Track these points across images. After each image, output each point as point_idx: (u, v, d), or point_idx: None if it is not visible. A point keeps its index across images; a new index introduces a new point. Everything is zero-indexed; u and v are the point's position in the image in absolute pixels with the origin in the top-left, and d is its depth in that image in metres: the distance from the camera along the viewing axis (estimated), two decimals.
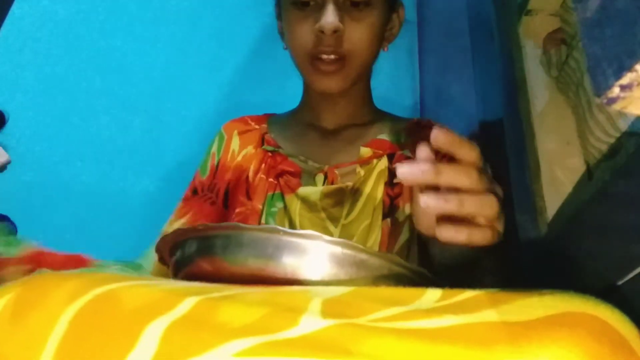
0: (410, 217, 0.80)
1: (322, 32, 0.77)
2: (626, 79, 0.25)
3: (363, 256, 0.47)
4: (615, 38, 0.26)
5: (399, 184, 0.81)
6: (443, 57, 1.26)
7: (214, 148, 0.93)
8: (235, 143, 0.92)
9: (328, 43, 0.78)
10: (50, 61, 1.54)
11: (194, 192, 0.90)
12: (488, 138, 0.78)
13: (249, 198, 0.84)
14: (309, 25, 0.79)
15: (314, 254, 0.46)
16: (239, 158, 0.89)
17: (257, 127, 0.93)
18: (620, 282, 0.44)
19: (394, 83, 0.84)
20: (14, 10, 1.30)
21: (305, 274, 0.46)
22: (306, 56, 0.81)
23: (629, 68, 0.25)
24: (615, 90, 0.26)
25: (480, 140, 0.82)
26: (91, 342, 0.35)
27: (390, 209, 0.80)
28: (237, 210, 0.84)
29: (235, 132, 0.93)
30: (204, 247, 0.50)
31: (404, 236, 0.78)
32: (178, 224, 0.86)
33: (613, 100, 0.26)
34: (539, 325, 0.35)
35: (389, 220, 0.79)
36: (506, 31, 0.72)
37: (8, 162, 1.19)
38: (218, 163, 0.91)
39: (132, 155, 1.50)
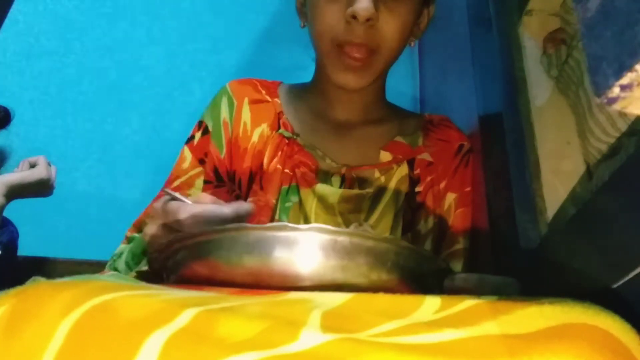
0: (433, 231, 0.77)
1: (354, 17, 0.69)
2: (626, 79, 0.25)
3: (370, 243, 0.47)
4: (615, 38, 0.26)
5: (421, 193, 0.78)
6: (443, 56, 1.26)
7: (225, 113, 0.84)
8: (246, 114, 0.84)
9: (358, 33, 0.71)
10: (49, 64, 1.54)
11: (214, 172, 0.81)
12: (488, 138, 0.78)
13: (262, 188, 0.79)
14: (339, 9, 0.71)
15: (310, 245, 0.46)
16: (255, 138, 0.82)
17: (269, 99, 0.85)
18: (619, 283, 0.44)
19: (394, 82, 0.84)
20: (15, 10, 1.30)
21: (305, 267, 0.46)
22: (332, 44, 0.73)
23: (629, 68, 0.25)
24: (615, 90, 0.26)
25: (480, 139, 0.82)
26: (89, 356, 0.34)
27: (411, 222, 0.77)
28: (250, 199, 0.79)
29: (246, 99, 0.85)
30: (213, 250, 0.49)
31: None
32: None
33: (613, 100, 0.26)
34: (539, 337, 0.35)
35: (409, 235, 0.76)
36: (506, 31, 0.72)
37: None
38: (231, 136, 0.82)
39: (132, 158, 1.51)
